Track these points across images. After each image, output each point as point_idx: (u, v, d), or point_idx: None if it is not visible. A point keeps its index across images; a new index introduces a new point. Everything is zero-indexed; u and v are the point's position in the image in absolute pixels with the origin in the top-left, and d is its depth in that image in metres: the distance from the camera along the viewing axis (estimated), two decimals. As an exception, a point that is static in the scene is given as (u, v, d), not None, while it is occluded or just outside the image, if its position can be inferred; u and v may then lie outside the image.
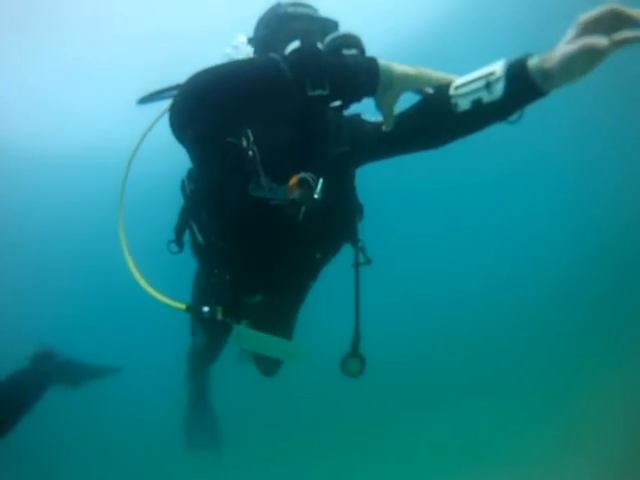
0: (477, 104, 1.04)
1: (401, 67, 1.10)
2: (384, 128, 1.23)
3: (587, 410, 3.69)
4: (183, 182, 1.68)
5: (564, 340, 4.86)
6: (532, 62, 0.96)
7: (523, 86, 0.98)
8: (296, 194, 1.32)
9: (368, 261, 1.69)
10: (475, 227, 6.94)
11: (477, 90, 1.03)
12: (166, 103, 1.50)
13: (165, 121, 1.28)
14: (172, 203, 1.73)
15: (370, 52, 1.18)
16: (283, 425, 4.05)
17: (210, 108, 1.10)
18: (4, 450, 2.68)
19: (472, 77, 1.05)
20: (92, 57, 5.92)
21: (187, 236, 1.71)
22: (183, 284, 2.07)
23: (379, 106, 1.16)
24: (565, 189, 6.84)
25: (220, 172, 1.41)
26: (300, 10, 1.49)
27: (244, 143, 1.35)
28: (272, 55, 1.12)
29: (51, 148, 6.44)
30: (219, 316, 1.50)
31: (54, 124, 6.35)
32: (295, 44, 1.32)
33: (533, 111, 1.10)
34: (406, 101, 1.23)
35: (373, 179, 1.92)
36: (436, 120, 1.20)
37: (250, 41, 1.58)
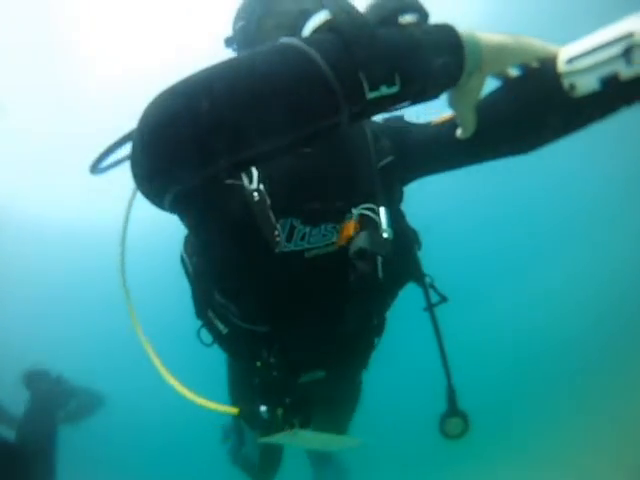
0: (611, 82, 0.71)
1: (491, 37, 0.73)
2: (459, 134, 0.88)
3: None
4: (182, 257, 1.30)
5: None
6: None
7: None
8: (363, 241, 0.95)
9: (443, 299, 1.32)
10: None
11: (609, 61, 0.70)
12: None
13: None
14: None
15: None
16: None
17: (198, 143, 0.58)
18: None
19: (595, 43, 0.72)
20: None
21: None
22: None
23: (454, 102, 0.80)
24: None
25: (226, 235, 1.00)
26: None
27: (246, 183, 0.94)
28: (289, 40, 0.62)
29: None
30: (279, 418, 1.13)
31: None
32: (321, 15, 0.69)
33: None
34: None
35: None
36: (537, 112, 0.84)
37: (228, 42, 1.14)
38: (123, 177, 0.84)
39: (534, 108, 0.85)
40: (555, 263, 6.72)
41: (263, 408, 1.16)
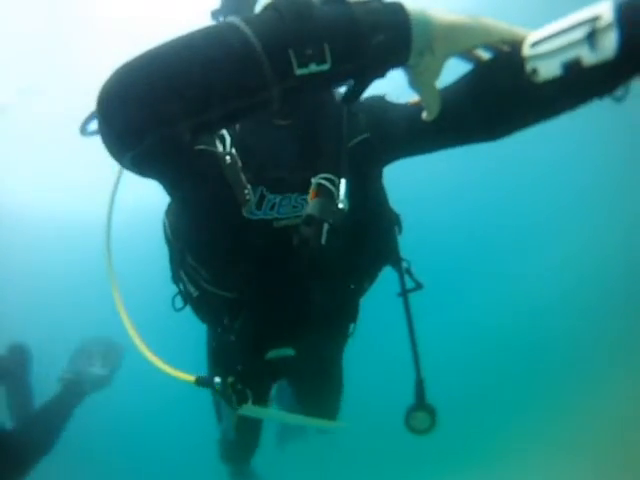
0: (573, 68, 0.66)
1: (445, 16, 0.70)
2: (424, 116, 0.84)
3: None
4: (164, 222, 1.31)
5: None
6: None
7: None
8: (312, 208, 0.93)
9: (418, 286, 1.29)
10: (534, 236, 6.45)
11: (572, 46, 0.65)
12: None
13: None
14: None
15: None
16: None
17: (152, 105, 0.62)
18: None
19: (560, 27, 0.67)
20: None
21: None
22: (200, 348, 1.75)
23: (413, 83, 0.77)
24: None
25: (197, 196, 1.03)
26: None
27: (219, 147, 0.97)
28: (231, 19, 0.64)
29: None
30: (228, 386, 1.14)
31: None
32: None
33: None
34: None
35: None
36: (500, 97, 0.81)
37: (214, 14, 1.13)
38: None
39: (499, 93, 0.81)
40: (539, 254, 6.53)
41: (217, 379, 1.16)
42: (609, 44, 0.62)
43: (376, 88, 0.83)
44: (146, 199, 2.84)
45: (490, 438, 3.76)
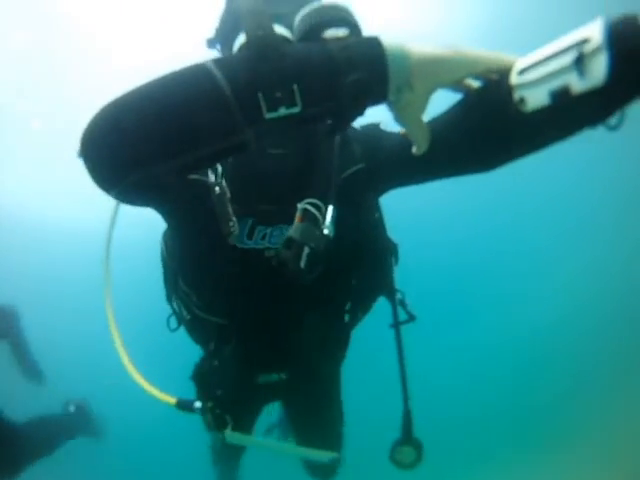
0: (561, 97, 0.61)
1: (424, 49, 0.67)
2: (414, 151, 0.81)
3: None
4: (161, 243, 1.32)
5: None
6: None
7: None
8: (294, 231, 0.92)
9: (411, 318, 1.27)
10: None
11: (559, 73, 0.61)
12: None
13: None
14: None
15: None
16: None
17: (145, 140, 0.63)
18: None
19: (549, 52, 0.63)
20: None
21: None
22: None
23: (397, 118, 0.74)
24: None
25: (187, 224, 1.05)
26: None
27: (211, 177, 0.97)
28: (204, 61, 0.64)
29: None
30: (207, 411, 1.12)
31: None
32: (241, 38, 0.84)
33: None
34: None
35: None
36: (489, 128, 0.77)
37: (210, 43, 1.14)
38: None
39: (488, 124, 0.77)
40: (530, 286, 6.54)
41: (198, 404, 1.14)
42: (598, 69, 0.57)
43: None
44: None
45: (480, 473, 3.67)
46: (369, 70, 0.63)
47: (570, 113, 0.65)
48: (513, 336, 6.06)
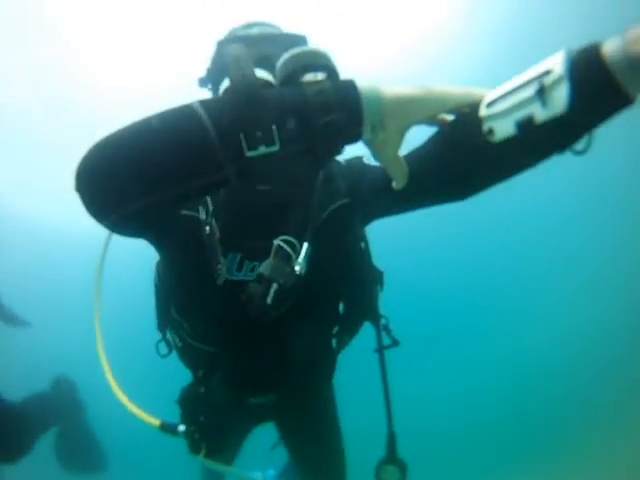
0: (526, 126, 0.66)
1: (396, 90, 0.72)
2: (394, 185, 0.87)
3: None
4: (155, 272, 1.36)
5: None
6: (610, 47, 0.57)
7: (600, 87, 0.59)
8: (265, 267, 0.96)
9: (395, 343, 1.30)
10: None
11: (524, 103, 0.65)
12: None
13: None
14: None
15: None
16: None
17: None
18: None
19: (514, 85, 0.68)
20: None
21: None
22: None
23: (374, 155, 0.80)
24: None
25: (177, 257, 1.11)
26: (254, 31, 1.11)
27: (202, 215, 1.01)
28: (191, 103, 0.69)
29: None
30: (190, 437, 1.14)
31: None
32: (226, 82, 0.94)
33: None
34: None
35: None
36: (461, 159, 0.81)
37: (201, 82, 1.19)
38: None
39: (460, 155, 0.82)
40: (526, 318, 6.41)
41: (182, 427, 1.16)
42: (560, 99, 0.61)
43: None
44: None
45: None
46: (344, 111, 0.68)
47: (537, 141, 0.69)
48: (501, 357, 6.04)
